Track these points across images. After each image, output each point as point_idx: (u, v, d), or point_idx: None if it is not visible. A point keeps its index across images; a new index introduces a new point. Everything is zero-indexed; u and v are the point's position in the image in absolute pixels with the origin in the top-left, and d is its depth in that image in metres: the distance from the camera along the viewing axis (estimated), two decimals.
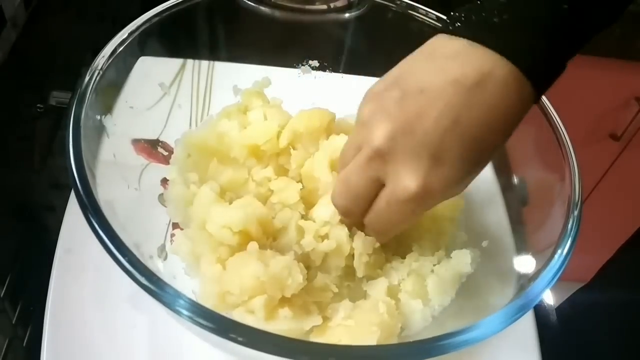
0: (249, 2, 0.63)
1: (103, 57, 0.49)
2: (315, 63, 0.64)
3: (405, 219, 0.43)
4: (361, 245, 0.47)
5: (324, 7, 0.67)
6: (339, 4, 0.67)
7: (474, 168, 0.41)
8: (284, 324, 0.44)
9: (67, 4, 0.81)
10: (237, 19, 0.63)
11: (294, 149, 0.52)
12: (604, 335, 0.72)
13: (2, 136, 0.65)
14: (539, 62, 0.40)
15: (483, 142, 0.40)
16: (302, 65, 0.64)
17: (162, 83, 0.58)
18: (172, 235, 0.52)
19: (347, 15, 0.66)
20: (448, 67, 0.39)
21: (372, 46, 0.65)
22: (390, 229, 0.45)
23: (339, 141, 0.50)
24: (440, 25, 0.58)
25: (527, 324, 0.54)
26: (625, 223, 0.80)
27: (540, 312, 0.57)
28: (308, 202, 0.49)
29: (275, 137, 0.50)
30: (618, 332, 0.71)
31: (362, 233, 0.47)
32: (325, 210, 0.47)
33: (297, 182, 0.50)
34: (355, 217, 0.45)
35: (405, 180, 0.40)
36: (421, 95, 0.39)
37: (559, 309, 0.75)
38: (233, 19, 0.63)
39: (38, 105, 0.71)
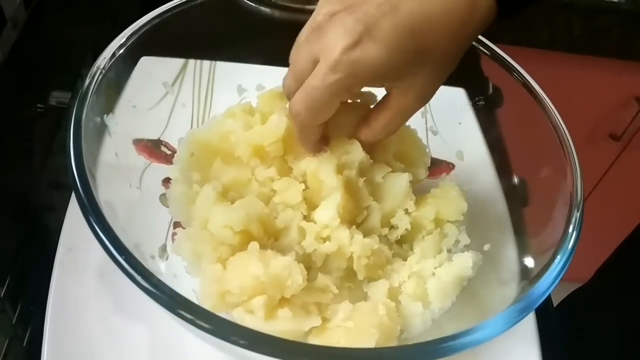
0: (249, 2, 0.63)
1: (105, 57, 0.49)
2: None
3: (326, 95, 0.42)
4: (359, 248, 0.47)
5: None
6: None
7: (406, 61, 0.41)
8: (283, 325, 0.43)
9: (67, 4, 0.81)
10: (237, 19, 0.63)
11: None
12: (602, 335, 0.72)
13: (2, 136, 0.65)
14: None
15: (419, 35, 0.40)
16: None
17: (165, 82, 0.59)
18: (174, 234, 0.52)
19: None
20: None
21: None
22: (308, 107, 0.44)
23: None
24: None
25: (527, 324, 0.54)
26: (625, 223, 0.80)
27: (539, 312, 0.57)
28: (311, 203, 0.49)
29: (281, 139, 0.50)
30: (616, 332, 0.71)
31: (360, 236, 0.47)
32: (326, 213, 0.47)
33: (300, 182, 0.50)
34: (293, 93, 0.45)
35: (331, 47, 0.40)
36: None
37: (557, 308, 0.75)
38: (233, 19, 0.63)
39: (38, 105, 0.71)
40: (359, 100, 0.51)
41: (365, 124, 0.48)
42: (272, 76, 0.59)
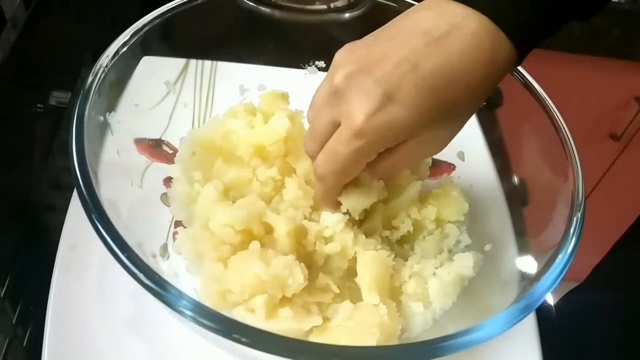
0: (249, 2, 0.63)
1: (107, 56, 0.49)
2: (321, 64, 0.64)
3: (351, 160, 0.42)
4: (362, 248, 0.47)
5: (324, 7, 0.67)
6: (339, 4, 0.67)
7: (429, 119, 0.40)
8: (284, 324, 0.44)
9: (67, 4, 0.81)
10: (238, 19, 0.63)
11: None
12: (600, 334, 0.72)
13: (2, 136, 0.65)
14: (520, 21, 0.39)
15: (441, 93, 0.39)
16: (309, 65, 0.64)
17: (167, 81, 0.59)
18: (175, 233, 0.52)
19: (347, 15, 0.66)
20: (422, 18, 0.40)
21: None
22: (333, 171, 0.43)
23: None
24: None
25: (527, 324, 0.54)
26: (625, 223, 0.80)
27: (539, 312, 0.57)
28: (316, 203, 0.49)
29: (282, 140, 0.50)
30: (613, 331, 0.71)
31: (363, 237, 0.47)
32: (332, 217, 0.47)
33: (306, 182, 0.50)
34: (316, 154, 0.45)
35: (354, 113, 0.40)
36: (390, 41, 0.40)
37: (556, 306, 0.75)
38: (234, 19, 0.63)
39: (38, 105, 0.71)
40: None
41: (372, 165, 0.45)
42: (273, 76, 0.59)
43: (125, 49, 0.51)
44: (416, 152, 0.44)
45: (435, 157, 0.58)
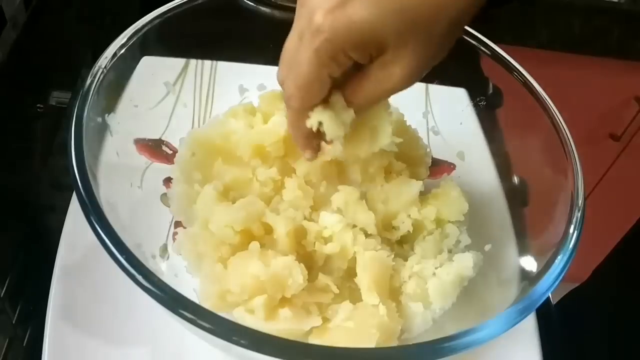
0: (249, 2, 0.63)
1: (106, 57, 0.49)
2: None
3: (312, 66, 0.40)
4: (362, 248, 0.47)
5: None
6: None
7: (391, 25, 0.39)
8: (283, 324, 0.44)
9: (67, 4, 0.81)
10: (238, 19, 0.63)
11: None
12: (600, 334, 0.72)
13: (2, 136, 0.65)
14: None
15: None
16: None
17: (166, 82, 0.59)
18: (175, 234, 0.52)
19: None
20: None
21: None
22: (301, 86, 0.41)
23: None
24: None
25: (527, 324, 0.54)
26: (625, 223, 0.80)
27: (539, 312, 0.57)
28: (316, 203, 0.49)
29: (282, 140, 0.50)
30: (613, 331, 0.71)
31: (362, 237, 0.47)
32: (331, 217, 0.47)
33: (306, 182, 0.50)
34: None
35: (314, 11, 0.38)
36: None
37: (556, 307, 0.75)
38: (234, 19, 0.63)
39: (38, 105, 0.71)
40: None
41: (344, 91, 0.44)
42: (273, 76, 0.58)
43: (124, 49, 0.51)
44: (384, 76, 0.41)
45: (435, 157, 0.58)
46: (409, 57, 0.40)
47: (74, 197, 0.54)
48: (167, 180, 0.54)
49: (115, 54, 0.50)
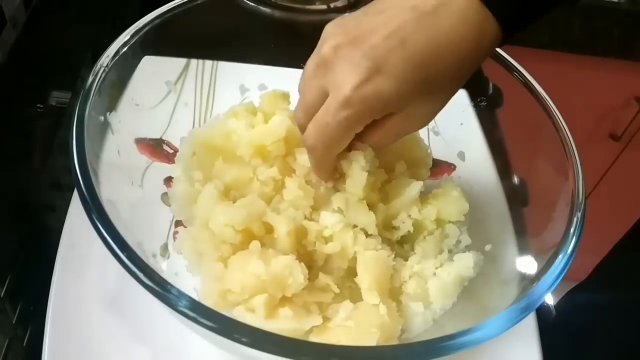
0: (249, 2, 0.63)
1: (108, 56, 0.49)
2: None
3: (339, 130, 0.42)
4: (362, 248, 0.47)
5: (324, 7, 0.67)
6: (339, 4, 0.67)
7: (415, 91, 0.41)
8: (284, 324, 0.44)
9: (67, 4, 0.81)
10: (238, 19, 0.63)
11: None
12: (600, 334, 0.72)
13: (2, 136, 0.65)
14: (507, 1, 0.40)
15: (428, 67, 0.40)
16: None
17: (167, 81, 0.59)
18: (175, 233, 0.52)
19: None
20: None
21: None
22: (323, 141, 0.44)
23: None
24: None
25: (527, 323, 0.54)
26: (625, 223, 0.80)
27: (539, 311, 0.57)
28: (316, 203, 0.49)
29: (283, 139, 0.50)
30: (613, 331, 0.71)
31: (363, 236, 0.47)
32: (331, 217, 0.47)
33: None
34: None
35: (342, 83, 0.40)
36: (379, 15, 0.41)
37: (555, 307, 0.75)
38: (234, 19, 0.63)
39: (38, 105, 0.70)
40: None
41: (358, 139, 0.47)
42: (274, 76, 0.59)
43: (125, 48, 0.51)
44: (402, 126, 0.45)
45: (436, 157, 0.58)
46: (428, 109, 0.44)
47: (75, 197, 0.54)
48: (168, 180, 0.54)
49: (117, 53, 0.50)
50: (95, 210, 0.40)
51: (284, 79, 0.59)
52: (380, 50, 0.40)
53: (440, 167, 0.60)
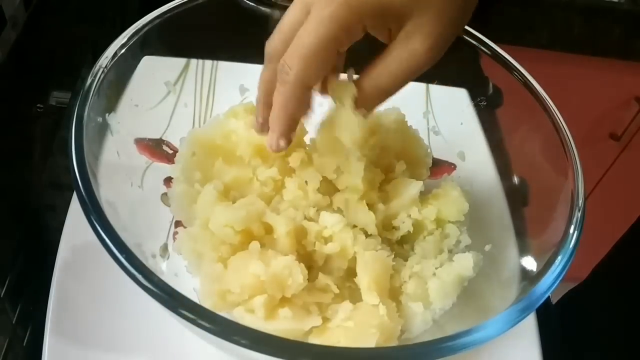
0: (249, 2, 0.63)
1: (107, 56, 0.49)
2: None
3: (325, 40, 0.38)
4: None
5: None
6: None
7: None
8: (283, 324, 0.44)
9: (67, 4, 0.81)
10: (238, 19, 0.63)
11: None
12: (600, 334, 0.72)
13: (2, 136, 0.65)
14: None
15: None
16: None
17: (167, 81, 0.59)
18: (175, 233, 0.52)
19: None
20: None
21: (372, 46, 0.65)
22: (306, 58, 0.38)
23: None
24: None
25: (527, 324, 0.54)
26: (625, 223, 0.80)
27: (539, 311, 0.57)
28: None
29: None
30: (613, 330, 0.71)
31: (363, 236, 0.47)
32: (330, 218, 0.47)
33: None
34: (279, 55, 0.40)
35: None
36: None
37: (555, 307, 0.75)
38: (234, 19, 0.63)
39: (38, 105, 0.71)
40: None
41: (364, 76, 0.42)
42: None
43: (125, 49, 0.51)
44: (408, 52, 0.39)
45: (436, 156, 0.58)
46: (431, 25, 0.38)
47: (74, 197, 0.54)
48: (168, 180, 0.54)
49: (116, 54, 0.50)
50: (94, 212, 0.39)
51: None
52: None
53: (440, 167, 0.60)
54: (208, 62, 0.64)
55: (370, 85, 0.42)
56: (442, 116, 0.62)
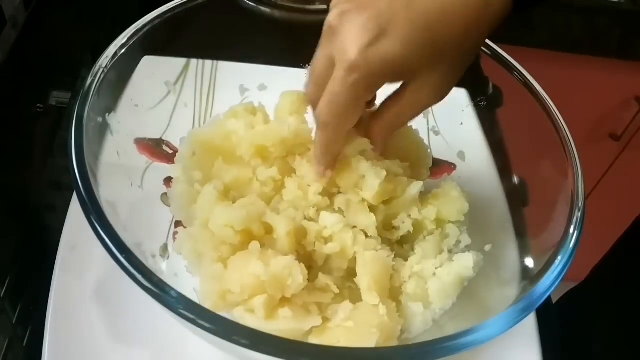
0: (249, 2, 0.63)
1: (107, 56, 0.49)
2: None
3: (349, 97, 0.42)
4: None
5: (324, 7, 0.67)
6: None
7: (423, 56, 0.41)
8: (283, 324, 0.44)
9: (67, 4, 0.81)
10: (238, 19, 0.63)
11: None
12: (600, 334, 0.72)
13: (2, 136, 0.65)
14: None
15: (434, 29, 0.40)
16: (309, 65, 0.64)
17: (167, 81, 0.59)
18: (175, 233, 0.52)
19: None
20: None
21: None
22: (337, 115, 0.43)
23: None
24: None
25: (527, 324, 0.54)
26: (625, 223, 0.80)
27: (539, 311, 0.57)
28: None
29: (282, 140, 0.50)
30: (613, 331, 0.71)
31: (363, 237, 0.47)
32: (330, 218, 0.47)
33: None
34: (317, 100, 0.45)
35: (347, 47, 0.40)
36: None
37: (555, 307, 0.75)
38: (234, 19, 0.63)
39: (38, 105, 0.71)
40: None
41: (376, 116, 0.47)
42: (274, 76, 0.59)
43: (125, 49, 0.51)
44: (417, 97, 0.44)
45: (436, 157, 0.58)
46: (440, 78, 0.43)
47: (74, 197, 0.54)
48: (168, 180, 0.54)
49: (115, 54, 0.50)
50: (94, 212, 0.40)
51: (284, 79, 0.59)
52: (385, 13, 0.40)
53: (440, 167, 0.60)
54: (208, 62, 0.65)
55: (382, 127, 0.48)
56: (442, 116, 0.62)
